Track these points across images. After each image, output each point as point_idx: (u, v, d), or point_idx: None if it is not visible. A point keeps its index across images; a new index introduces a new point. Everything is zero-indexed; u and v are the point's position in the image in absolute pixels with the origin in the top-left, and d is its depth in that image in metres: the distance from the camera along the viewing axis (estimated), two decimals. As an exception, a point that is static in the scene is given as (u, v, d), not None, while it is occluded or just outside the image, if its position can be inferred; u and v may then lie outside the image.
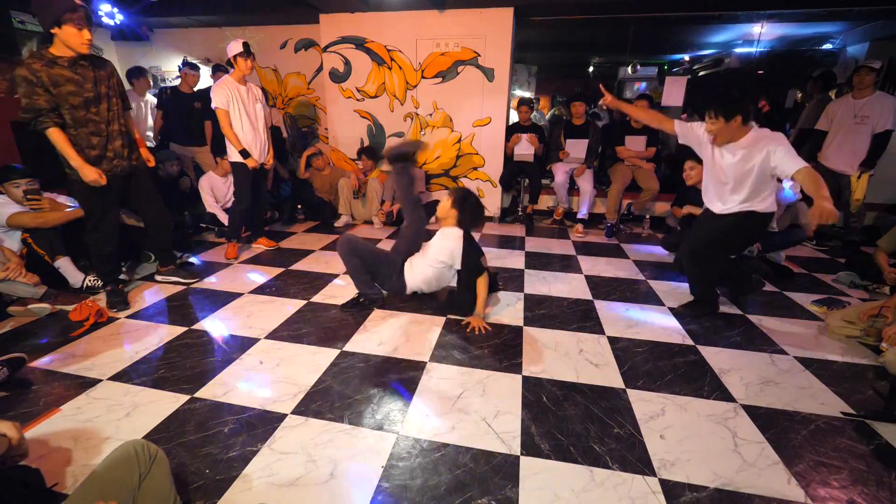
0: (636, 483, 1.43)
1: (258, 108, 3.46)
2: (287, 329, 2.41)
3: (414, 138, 2.35)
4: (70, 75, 2.28)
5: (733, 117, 2.24)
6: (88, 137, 2.38)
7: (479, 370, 2.05)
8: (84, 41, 2.24)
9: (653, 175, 4.42)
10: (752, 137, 2.28)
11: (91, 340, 2.28)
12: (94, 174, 2.36)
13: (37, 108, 2.21)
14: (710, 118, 2.31)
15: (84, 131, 2.37)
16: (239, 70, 3.29)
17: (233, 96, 3.28)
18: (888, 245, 2.82)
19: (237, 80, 3.33)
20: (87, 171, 2.35)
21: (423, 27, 4.60)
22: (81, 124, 2.35)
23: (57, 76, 2.24)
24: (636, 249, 3.98)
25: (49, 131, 2.26)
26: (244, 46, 3.23)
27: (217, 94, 3.25)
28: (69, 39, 2.21)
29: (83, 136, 2.37)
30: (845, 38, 5.72)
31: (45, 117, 2.23)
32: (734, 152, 2.33)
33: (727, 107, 2.23)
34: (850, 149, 3.86)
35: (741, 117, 2.24)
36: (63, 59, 2.26)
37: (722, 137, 2.33)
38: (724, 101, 2.25)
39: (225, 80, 3.30)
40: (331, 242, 4.06)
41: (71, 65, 2.29)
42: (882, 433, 1.68)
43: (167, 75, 5.87)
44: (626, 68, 7.85)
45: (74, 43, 2.23)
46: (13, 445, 1.16)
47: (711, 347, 2.29)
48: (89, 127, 2.38)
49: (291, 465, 1.48)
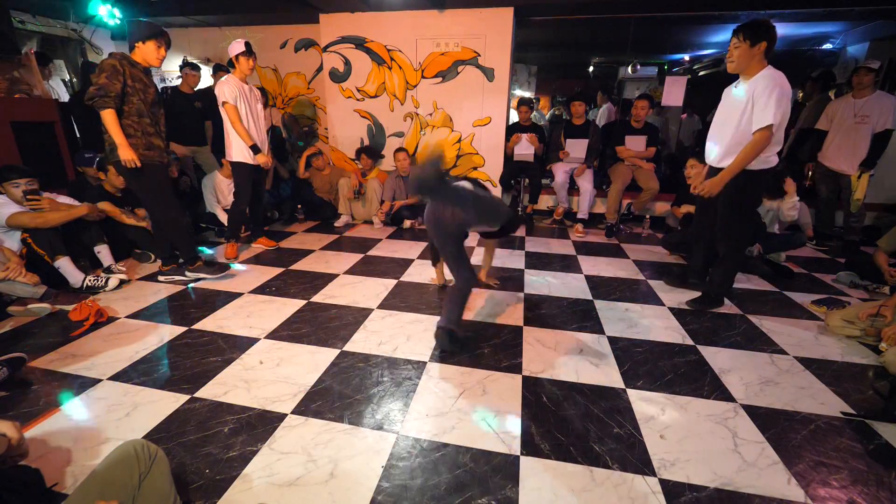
0: (636, 483, 1.43)
1: (259, 109, 3.48)
2: (287, 329, 2.41)
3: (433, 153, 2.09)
4: (142, 78, 2.72)
5: (758, 42, 2.23)
6: (147, 127, 2.76)
7: (479, 370, 2.05)
8: (160, 57, 2.74)
9: (653, 175, 4.42)
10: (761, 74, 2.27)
11: (91, 340, 2.28)
12: (131, 154, 2.63)
13: (110, 90, 2.54)
14: (735, 41, 2.30)
15: (145, 121, 2.74)
16: (241, 70, 3.30)
17: (240, 94, 3.30)
18: (888, 245, 2.83)
19: (241, 80, 3.34)
20: (127, 151, 2.62)
21: (423, 27, 4.60)
22: (144, 115, 2.74)
23: (135, 74, 2.67)
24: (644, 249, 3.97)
25: (107, 111, 2.56)
26: (246, 46, 3.24)
27: (225, 89, 3.26)
28: (149, 54, 2.69)
29: (145, 124, 2.74)
30: (845, 37, 5.72)
31: (111, 99, 2.55)
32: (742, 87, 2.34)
33: (755, 31, 2.24)
34: (850, 148, 3.86)
35: (766, 44, 2.23)
36: (140, 66, 2.72)
37: (739, 63, 2.31)
38: (755, 27, 2.25)
39: (229, 78, 3.31)
40: (331, 242, 4.06)
41: (144, 72, 2.75)
42: (882, 433, 1.68)
43: (167, 75, 5.87)
44: (626, 68, 7.85)
45: (152, 58, 2.71)
46: (13, 445, 1.16)
47: (711, 347, 2.29)
48: (148, 118, 2.76)
49: (291, 465, 1.48)
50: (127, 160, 2.62)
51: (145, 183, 2.82)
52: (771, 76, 2.24)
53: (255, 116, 3.44)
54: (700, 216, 2.85)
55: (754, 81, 2.28)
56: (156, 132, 2.81)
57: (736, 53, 2.31)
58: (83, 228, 2.96)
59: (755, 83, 2.27)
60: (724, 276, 2.69)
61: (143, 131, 2.72)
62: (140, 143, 2.70)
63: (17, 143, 3.29)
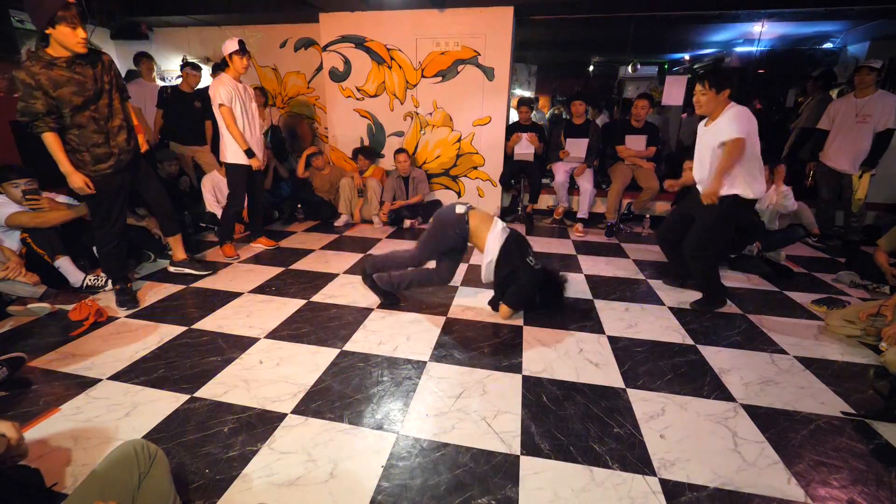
0: (636, 483, 1.43)
1: (254, 108, 3.42)
2: (287, 328, 2.41)
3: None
4: (70, 76, 2.25)
5: (723, 90, 2.39)
6: (92, 136, 2.39)
7: (479, 370, 2.05)
8: (79, 40, 2.19)
9: (653, 174, 4.42)
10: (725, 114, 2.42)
11: (91, 340, 2.27)
12: (80, 181, 2.36)
13: (33, 111, 2.20)
14: (702, 88, 2.44)
15: (87, 131, 2.37)
16: (235, 68, 3.24)
17: (235, 94, 3.25)
18: (888, 244, 2.82)
19: (234, 79, 3.28)
20: (75, 179, 2.36)
21: (423, 26, 4.59)
22: (84, 125, 2.35)
23: (57, 77, 2.21)
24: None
25: (45, 135, 2.25)
26: (240, 44, 3.18)
27: (219, 90, 3.18)
28: (65, 39, 2.17)
29: (87, 135, 2.37)
30: (846, 37, 5.72)
31: (41, 121, 2.22)
32: (712, 125, 2.49)
33: (720, 80, 2.39)
34: (851, 148, 3.85)
35: (729, 91, 2.41)
36: (61, 59, 2.22)
37: (706, 108, 2.48)
38: (720, 74, 2.41)
39: (223, 78, 3.25)
40: (331, 242, 4.06)
41: (69, 65, 2.25)
42: (882, 432, 1.68)
43: (167, 74, 5.86)
44: (626, 67, 7.84)
45: (70, 42, 2.18)
46: (12, 445, 1.16)
47: (711, 347, 2.29)
48: (91, 126, 2.38)
49: (291, 465, 1.48)
50: (78, 189, 2.38)
51: (91, 197, 2.49)
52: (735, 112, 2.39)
53: (249, 117, 3.37)
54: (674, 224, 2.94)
55: (720, 121, 2.43)
56: (106, 138, 2.43)
57: (703, 100, 2.47)
58: (83, 228, 2.96)
59: (720, 121, 2.43)
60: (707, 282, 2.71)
61: (87, 143, 2.37)
62: (87, 159, 2.39)
63: (16, 142, 3.29)
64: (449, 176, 5.12)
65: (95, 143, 2.40)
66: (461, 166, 5.03)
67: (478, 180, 5.05)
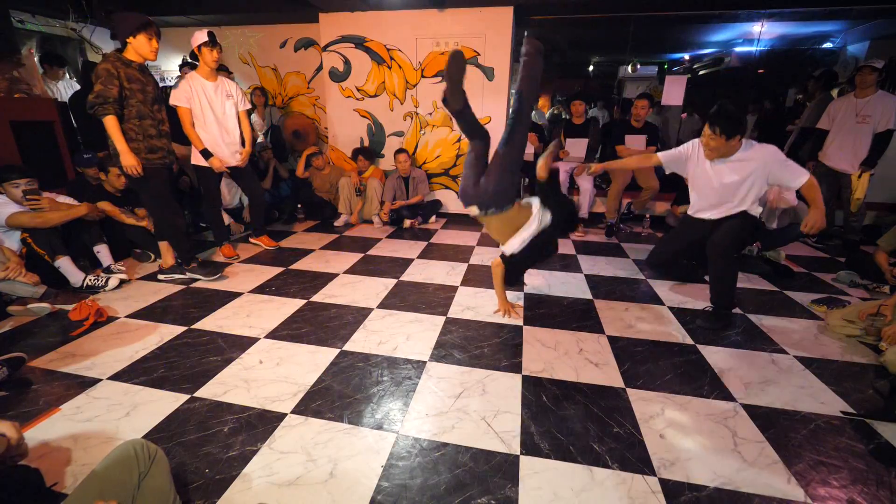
0: (636, 482, 1.43)
1: (228, 106, 3.28)
2: (287, 328, 2.41)
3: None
4: (139, 77, 2.66)
5: (734, 137, 2.38)
6: (149, 129, 2.73)
7: (479, 370, 2.05)
8: (153, 49, 2.65)
9: (653, 174, 4.41)
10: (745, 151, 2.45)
11: (91, 340, 2.28)
12: (133, 160, 2.62)
13: (108, 95, 2.51)
14: (712, 134, 2.42)
15: (146, 123, 2.71)
16: (205, 62, 3.11)
17: (195, 93, 3.12)
18: (888, 244, 2.82)
19: (205, 76, 3.16)
20: (129, 157, 2.61)
21: (422, 26, 4.59)
22: (144, 117, 2.70)
23: (130, 75, 2.61)
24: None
25: (108, 117, 2.54)
26: (209, 36, 3.06)
27: (175, 92, 3.10)
28: (142, 48, 2.60)
29: (146, 126, 2.71)
30: (845, 37, 5.72)
31: (110, 105, 2.52)
32: (727, 164, 2.49)
33: (732, 127, 2.36)
34: (851, 148, 3.85)
35: (740, 137, 2.40)
36: (135, 63, 2.65)
37: (718, 153, 2.47)
38: (731, 121, 2.37)
39: (189, 76, 3.14)
40: (331, 242, 4.06)
41: (140, 70, 2.68)
42: (882, 432, 1.68)
43: (167, 75, 5.86)
44: (626, 67, 7.85)
45: (146, 51, 2.62)
46: (12, 445, 1.16)
47: (711, 347, 2.29)
48: (149, 120, 2.72)
49: (291, 465, 1.48)
50: (129, 167, 2.62)
51: (147, 187, 2.81)
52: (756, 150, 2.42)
53: (219, 115, 3.24)
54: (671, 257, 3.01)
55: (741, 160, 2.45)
56: (157, 133, 2.78)
57: (713, 145, 2.45)
58: (83, 228, 2.96)
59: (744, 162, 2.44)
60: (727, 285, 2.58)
61: (144, 134, 2.70)
62: (142, 148, 2.69)
63: (16, 142, 3.29)
64: (449, 176, 5.12)
65: (151, 136, 2.74)
66: (461, 166, 5.03)
67: (478, 180, 5.04)
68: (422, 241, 4.09)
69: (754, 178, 2.46)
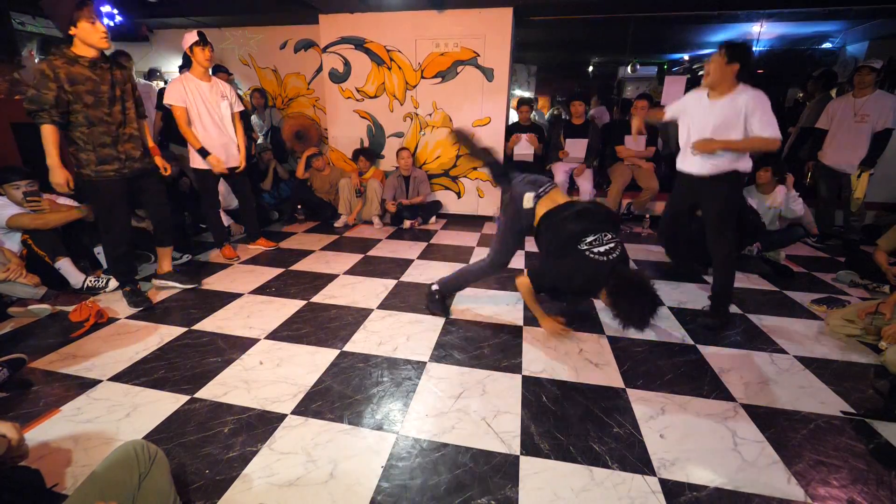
0: (636, 482, 1.43)
1: (223, 106, 3.24)
2: (287, 329, 2.41)
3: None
4: (89, 75, 2.31)
5: (734, 61, 2.32)
6: (100, 136, 2.40)
7: (479, 370, 2.05)
8: (101, 35, 2.28)
9: (652, 174, 4.42)
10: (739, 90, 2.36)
11: (91, 341, 2.28)
12: (62, 178, 2.31)
13: (41, 101, 2.21)
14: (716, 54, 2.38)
15: (97, 130, 2.39)
16: (197, 62, 3.07)
17: (189, 93, 3.08)
18: (888, 244, 2.82)
19: (198, 76, 3.12)
20: (58, 173, 2.30)
21: (422, 27, 4.60)
22: (95, 123, 2.37)
23: (76, 74, 2.27)
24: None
25: (43, 126, 2.25)
26: (199, 35, 3.02)
27: (169, 90, 3.04)
28: (87, 36, 2.25)
29: (96, 134, 2.39)
30: (845, 36, 5.73)
31: (46, 112, 2.23)
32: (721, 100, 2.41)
33: (734, 51, 2.32)
34: (850, 147, 3.85)
35: (739, 66, 2.33)
36: (85, 58, 2.30)
37: (713, 76, 2.40)
38: (736, 47, 2.34)
39: (182, 77, 3.11)
40: (331, 242, 4.07)
41: (91, 65, 2.32)
42: (882, 432, 1.68)
43: (167, 76, 5.87)
44: (625, 68, 7.85)
45: (93, 39, 2.26)
46: (13, 446, 1.16)
47: (711, 347, 2.29)
48: (101, 127, 2.40)
49: (291, 466, 1.48)
50: (56, 185, 2.30)
51: (95, 200, 2.52)
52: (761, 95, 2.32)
53: (215, 115, 3.20)
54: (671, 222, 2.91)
55: (737, 96, 2.35)
56: (114, 140, 2.43)
57: (712, 67, 2.40)
58: (83, 229, 2.96)
59: (739, 97, 2.34)
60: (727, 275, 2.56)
61: (94, 144, 2.37)
62: (92, 159, 2.38)
63: (17, 144, 3.30)
64: (449, 176, 5.12)
65: (102, 144, 2.40)
66: (461, 167, 5.04)
67: (477, 181, 5.05)
68: (422, 242, 4.09)
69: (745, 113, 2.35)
